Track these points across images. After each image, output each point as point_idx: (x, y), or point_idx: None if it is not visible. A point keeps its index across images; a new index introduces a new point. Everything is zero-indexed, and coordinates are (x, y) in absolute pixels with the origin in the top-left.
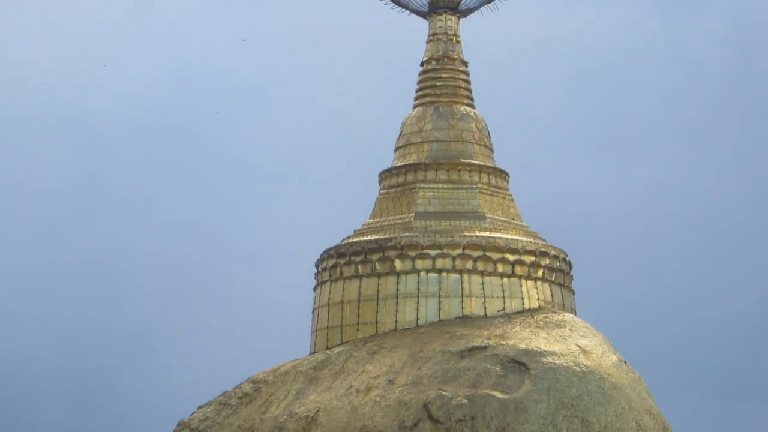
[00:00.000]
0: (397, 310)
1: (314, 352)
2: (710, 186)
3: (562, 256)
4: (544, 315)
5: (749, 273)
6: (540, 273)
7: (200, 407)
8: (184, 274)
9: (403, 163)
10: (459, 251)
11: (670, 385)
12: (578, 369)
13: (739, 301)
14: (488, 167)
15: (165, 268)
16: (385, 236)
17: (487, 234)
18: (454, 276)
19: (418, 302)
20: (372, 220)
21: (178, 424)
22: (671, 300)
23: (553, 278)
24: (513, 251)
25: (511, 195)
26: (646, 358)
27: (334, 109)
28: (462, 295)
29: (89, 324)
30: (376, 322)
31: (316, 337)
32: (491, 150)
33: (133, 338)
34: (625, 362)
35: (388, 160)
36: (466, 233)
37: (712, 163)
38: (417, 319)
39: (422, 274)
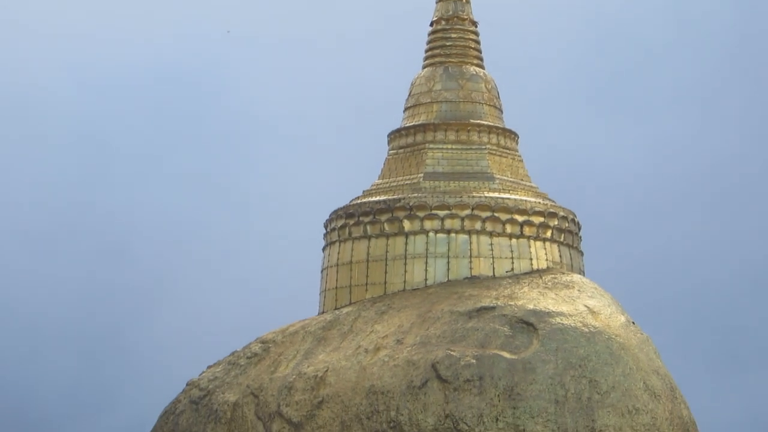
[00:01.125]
0: (405, 271)
1: (323, 313)
2: (719, 144)
3: (571, 217)
4: (553, 276)
5: (759, 231)
6: (548, 234)
7: (209, 367)
8: (191, 234)
9: (412, 124)
10: (468, 212)
11: (678, 345)
12: (586, 330)
13: (748, 259)
14: (497, 128)
15: (173, 227)
16: (394, 197)
17: (496, 195)
18: (463, 237)
19: (426, 263)
20: (381, 180)
21: (187, 384)
22: (680, 260)
23: (562, 239)
24: (522, 212)
25: (520, 156)
26: (654, 318)
27: (343, 69)
28: (470, 256)
29: (97, 281)
30: (385, 283)
31: (324, 297)
32: (500, 111)
33: (141, 297)
34: (633, 323)
35: (398, 120)
36: (474, 194)
37: (720, 121)
38: (425, 279)
39: (431, 234)
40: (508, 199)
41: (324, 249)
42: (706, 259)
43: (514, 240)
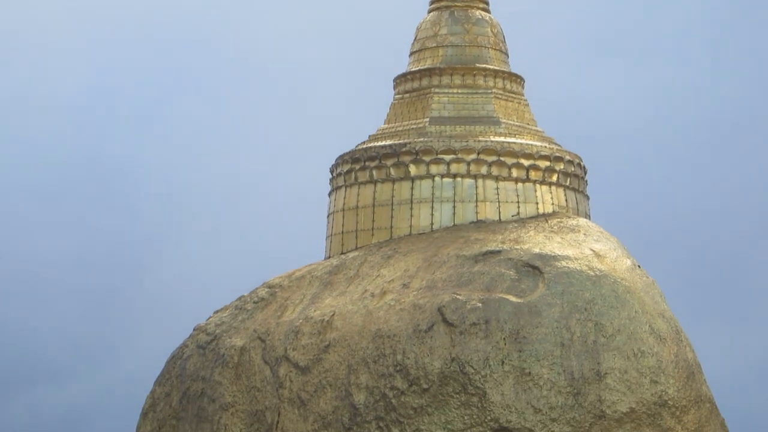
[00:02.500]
0: (411, 215)
1: (329, 257)
2: (727, 87)
3: (577, 161)
4: (559, 220)
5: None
6: (554, 178)
7: (216, 312)
8: (197, 181)
9: (417, 68)
10: (473, 156)
11: (684, 289)
12: (592, 273)
13: (756, 203)
14: (503, 72)
15: (177, 175)
16: (400, 141)
17: (502, 139)
18: (469, 181)
19: (432, 207)
20: (386, 125)
21: (194, 329)
22: (688, 204)
23: (568, 183)
24: (527, 156)
25: (526, 100)
26: (659, 262)
27: (348, 12)
28: (476, 200)
29: (103, 230)
30: (391, 227)
31: (330, 242)
32: (506, 55)
33: (147, 245)
34: (638, 267)
35: (403, 65)
36: (480, 138)
37: (728, 64)
38: (431, 224)
39: (437, 179)
40: (514, 143)
41: (330, 194)
42: (714, 203)
43: (520, 184)
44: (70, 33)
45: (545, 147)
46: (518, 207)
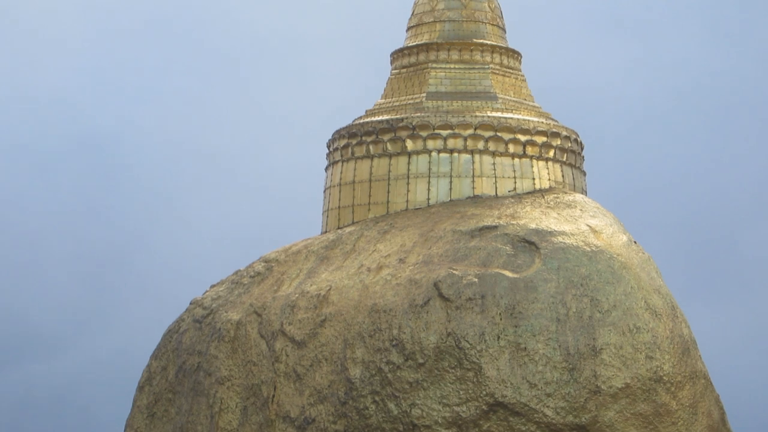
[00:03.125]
0: (408, 190)
1: (326, 232)
2: (721, 59)
3: (574, 136)
4: (555, 195)
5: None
6: (551, 153)
7: (213, 286)
8: (193, 154)
9: (414, 43)
10: (470, 131)
11: (680, 264)
12: (588, 249)
13: (752, 175)
14: (500, 47)
15: (175, 147)
16: (397, 116)
17: (499, 114)
18: (466, 156)
19: (429, 182)
20: (383, 100)
21: (191, 303)
22: (683, 180)
23: (564, 159)
24: (524, 131)
25: (523, 75)
26: (655, 238)
27: None
28: (473, 176)
29: (100, 201)
30: (387, 202)
31: (327, 217)
32: (503, 30)
33: (144, 218)
34: (635, 242)
35: (401, 40)
36: (477, 113)
37: (723, 37)
38: (428, 199)
39: (433, 154)
40: (511, 118)
41: (327, 169)
42: (710, 178)
43: (516, 159)
44: (64, 10)
45: (542, 122)
46: (515, 182)
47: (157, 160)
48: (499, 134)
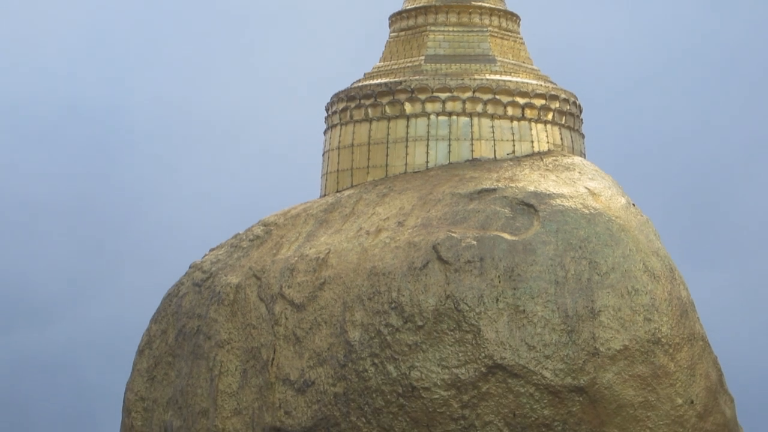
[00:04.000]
0: (407, 153)
1: (324, 196)
2: (722, 22)
3: (572, 99)
4: (554, 158)
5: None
6: (550, 116)
7: (212, 250)
8: (191, 120)
9: (413, 6)
10: (469, 94)
11: (677, 226)
12: (587, 211)
13: (751, 137)
14: (499, 10)
15: (173, 113)
16: (395, 79)
17: (498, 77)
18: (464, 119)
19: (428, 145)
20: (382, 63)
21: (190, 267)
22: (682, 143)
23: (563, 121)
24: (523, 94)
25: (521, 38)
26: (653, 201)
27: None
28: (472, 138)
29: (98, 169)
30: (386, 166)
31: (326, 180)
32: None
33: (144, 183)
34: (633, 205)
35: (399, 2)
36: (476, 76)
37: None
38: (427, 162)
39: (432, 117)
40: (510, 81)
41: (325, 132)
42: (710, 140)
43: (515, 122)
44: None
45: (541, 85)
46: (513, 145)
47: (156, 124)
48: (497, 97)
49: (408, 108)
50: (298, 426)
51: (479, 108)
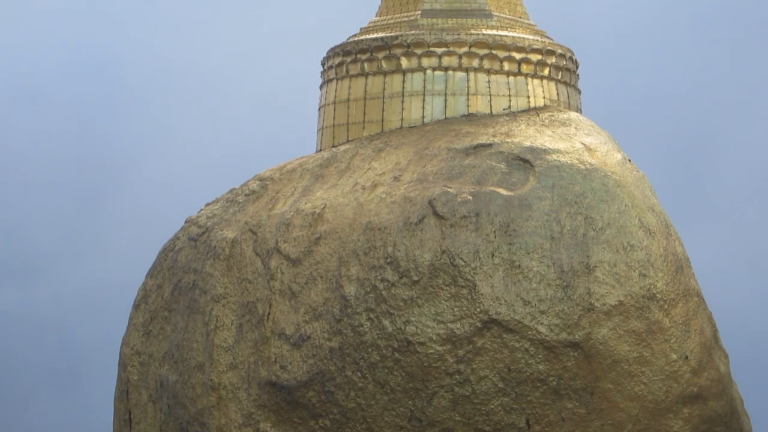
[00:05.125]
0: (402, 108)
1: (320, 151)
2: None
3: (569, 54)
4: (550, 113)
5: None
6: (546, 71)
7: (207, 205)
8: (186, 74)
9: None
10: (465, 49)
11: (673, 183)
12: (582, 167)
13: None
14: None
15: (168, 68)
16: (391, 34)
17: (494, 32)
18: (460, 74)
19: (424, 100)
20: (378, 18)
21: (185, 222)
22: (678, 99)
23: (559, 77)
24: (519, 49)
25: None
26: (649, 156)
27: None
28: (468, 94)
29: (93, 125)
30: (382, 120)
31: (322, 135)
32: None
33: (139, 138)
34: (629, 160)
35: None
36: (472, 31)
37: None
38: (423, 117)
39: (428, 72)
40: (506, 36)
41: (321, 87)
42: (707, 97)
43: (511, 77)
44: None
45: (537, 40)
46: (509, 100)
47: (150, 82)
48: (494, 52)
49: (404, 63)
50: (294, 380)
51: (475, 63)
